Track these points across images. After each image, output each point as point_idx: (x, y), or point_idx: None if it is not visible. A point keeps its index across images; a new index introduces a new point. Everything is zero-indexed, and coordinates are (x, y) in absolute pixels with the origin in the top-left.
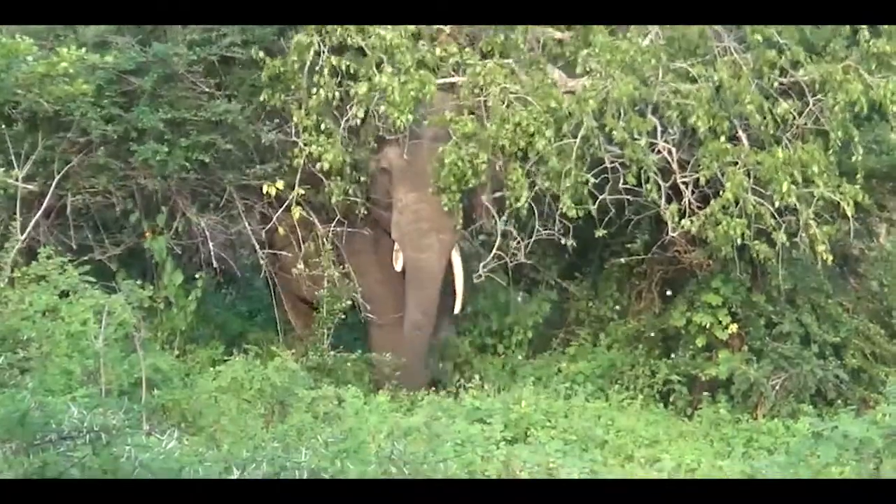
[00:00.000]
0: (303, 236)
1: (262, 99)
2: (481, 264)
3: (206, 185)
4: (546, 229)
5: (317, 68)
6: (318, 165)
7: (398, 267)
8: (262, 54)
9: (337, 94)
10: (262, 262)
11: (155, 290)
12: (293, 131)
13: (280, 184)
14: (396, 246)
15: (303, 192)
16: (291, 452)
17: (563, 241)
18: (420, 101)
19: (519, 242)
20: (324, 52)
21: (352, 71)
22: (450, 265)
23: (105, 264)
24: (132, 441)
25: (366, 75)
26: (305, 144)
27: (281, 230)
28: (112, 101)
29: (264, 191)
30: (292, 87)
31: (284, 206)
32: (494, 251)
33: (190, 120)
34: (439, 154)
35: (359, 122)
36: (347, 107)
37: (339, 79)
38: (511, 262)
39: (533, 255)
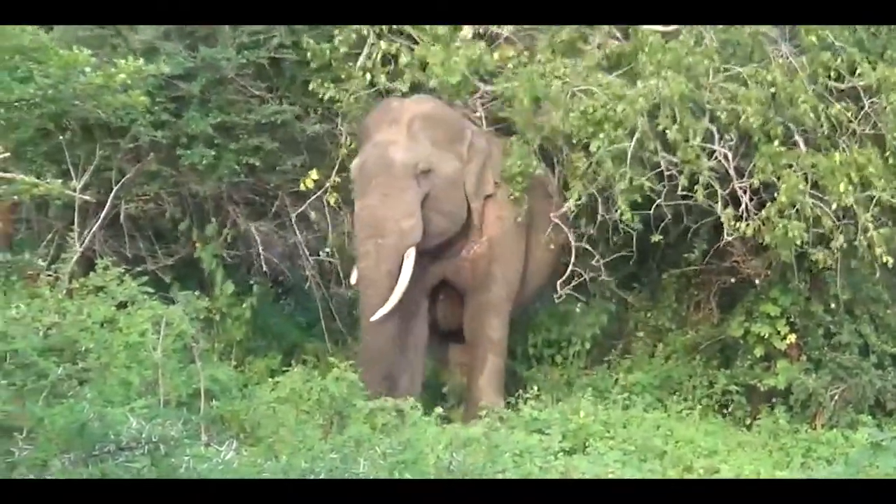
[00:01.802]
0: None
1: (310, 88)
2: (558, 282)
3: (257, 192)
4: (606, 239)
5: (367, 55)
6: None
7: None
8: (311, 42)
9: (383, 78)
10: (308, 272)
11: (212, 301)
12: (340, 120)
13: (314, 174)
14: None
15: (339, 180)
16: (350, 463)
17: (622, 253)
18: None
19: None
20: (376, 41)
21: (402, 59)
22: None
23: (161, 274)
24: (190, 452)
25: (414, 58)
26: (350, 134)
27: (332, 237)
28: (163, 108)
29: (301, 187)
30: (342, 75)
31: (321, 191)
32: (571, 268)
33: (240, 124)
34: (507, 147)
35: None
36: (395, 89)
37: (389, 67)
38: (587, 276)
39: (593, 265)
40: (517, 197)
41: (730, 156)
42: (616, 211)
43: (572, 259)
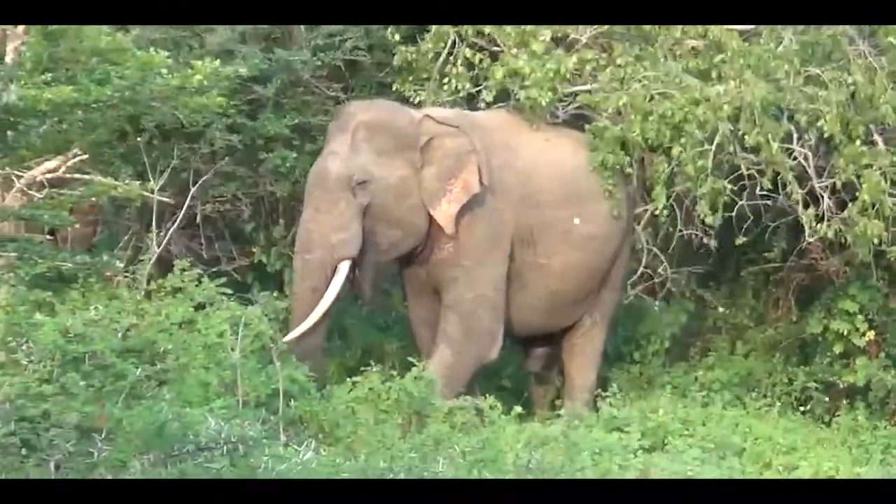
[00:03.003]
0: None
1: (393, 88)
2: (629, 281)
3: None
4: (685, 232)
5: (451, 59)
6: None
7: None
8: (397, 37)
9: (467, 85)
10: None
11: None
12: None
13: None
14: None
15: None
16: (429, 462)
17: (701, 249)
18: (562, 81)
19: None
20: (459, 44)
21: (484, 66)
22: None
23: (238, 275)
24: (269, 452)
25: (503, 62)
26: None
27: None
28: (238, 110)
29: None
30: (424, 76)
31: None
32: (641, 269)
33: (316, 125)
34: (592, 156)
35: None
36: (478, 96)
37: (472, 72)
38: (661, 282)
39: (671, 263)
40: (610, 190)
41: (810, 156)
42: (697, 214)
43: (643, 260)
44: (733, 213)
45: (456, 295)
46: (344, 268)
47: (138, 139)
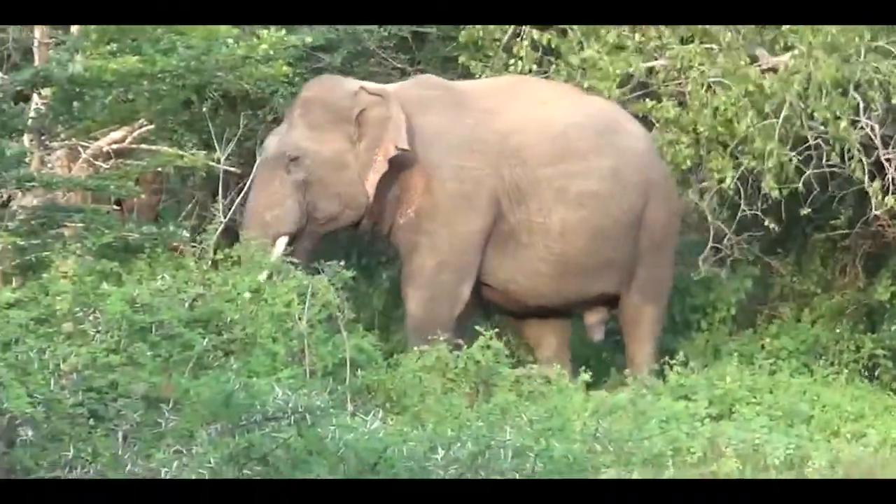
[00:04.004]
0: None
1: (459, 62)
2: (700, 258)
3: None
4: (751, 208)
5: (517, 40)
6: None
7: None
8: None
9: (534, 67)
10: None
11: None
12: None
13: None
14: None
15: None
16: (496, 431)
17: (766, 223)
18: (628, 78)
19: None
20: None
21: (552, 46)
22: None
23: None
24: (336, 421)
25: (569, 51)
26: None
27: None
28: (303, 79)
29: None
30: (490, 53)
31: None
32: (710, 244)
33: None
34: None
35: None
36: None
37: (538, 53)
38: (728, 253)
39: (737, 232)
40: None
41: (877, 128)
42: (763, 188)
43: (711, 233)
44: (799, 184)
45: (417, 263)
46: (280, 243)
47: (204, 109)
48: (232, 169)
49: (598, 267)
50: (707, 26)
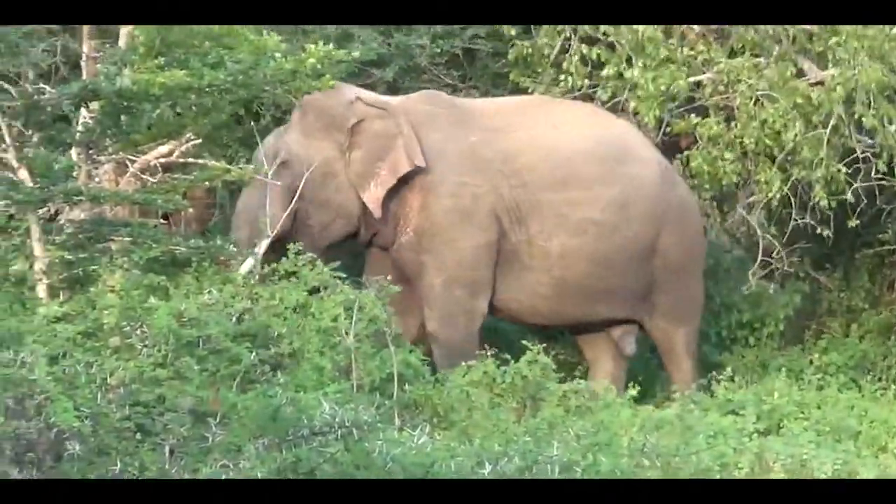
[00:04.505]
0: None
1: (510, 78)
2: (749, 272)
3: None
4: (801, 218)
5: (566, 55)
6: None
7: None
8: (513, 32)
9: (585, 82)
10: None
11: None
12: None
13: None
14: None
15: None
16: (543, 446)
17: (819, 232)
18: (671, 98)
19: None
20: (574, 39)
21: (602, 60)
22: None
23: (353, 260)
24: (384, 436)
25: (616, 66)
26: None
27: None
28: None
29: None
30: (539, 69)
31: None
32: (759, 258)
33: None
34: (683, 158)
35: None
36: (594, 96)
37: (588, 68)
38: (776, 267)
39: (785, 246)
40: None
41: None
42: (812, 198)
43: (760, 248)
44: (847, 196)
45: (427, 283)
46: (262, 246)
47: (252, 123)
48: (279, 183)
49: (601, 292)
50: (755, 39)
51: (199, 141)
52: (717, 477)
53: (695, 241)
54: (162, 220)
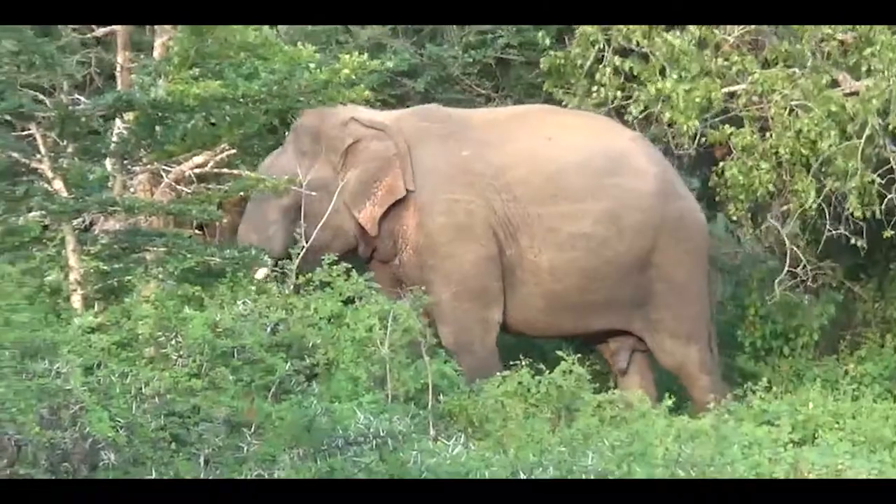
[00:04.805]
0: None
1: (543, 89)
2: (776, 281)
3: None
4: (835, 229)
5: (599, 66)
6: None
7: None
8: (547, 41)
9: (618, 94)
10: None
11: None
12: None
13: None
14: None
15: None
16: (578, 456)
17: (853, 242)
18: (706, 109)
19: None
20: (608, 51)
21: (635, 73)
22: None
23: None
24: (419, 446)
25: (650, 79)
26: None
27: None
28: (384, 103)
29: None
30: (572, 80)
31: None
32: (787, 268)
33: None
34: (717, 168)
35: (635, 126)
36: (626, 108)
37: (621, 80)
38: (804, 278)
39: (819, 257)
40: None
41: None
42: (846, 208)
43: (788, 257)
44: (882, 206)
45: (435, 299)
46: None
47: (286, 133)
48: (313, 193)
49: (594, 305)
50: (789, 49)
51: (234, 151)
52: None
53: (695, 255)
54: (196, 231)
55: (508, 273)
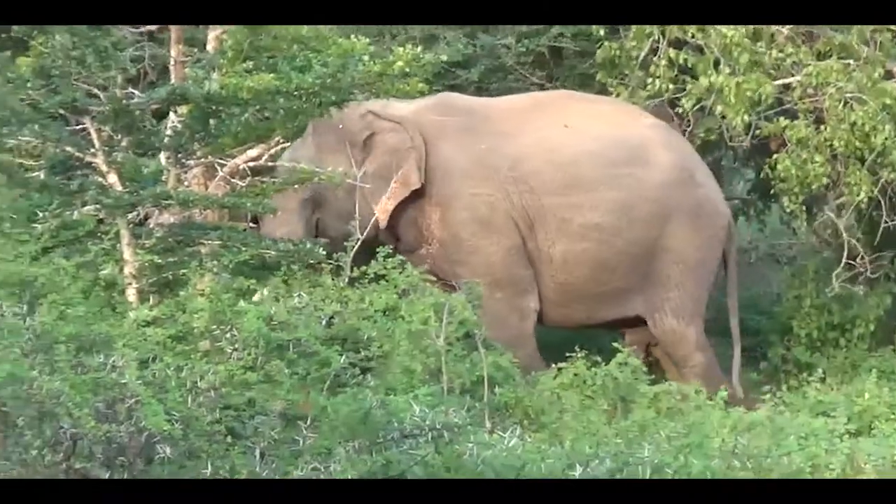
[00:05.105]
0: None
1: (597, 79)
2: (833, 274)
3: None
4: (890, 222)
5: (654, 58)
6: None
7: None
8: (602, 32)
9: (671, 87)
10: None
11: None
12: None
13: None
14: None
15: None
16: (634, 447)
17: None
18: (757, 103)
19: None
20: (662, 43)
21: (689, 65)
22: None
23: None
24: (475, 438)
25: (703, 71)
26: None
27: None
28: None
29: None
30: (626, 72)
31: None
32: (844, 261)
33: None
34: (771, 161)
35: (689, 118)
36: (679, 101)
37: (675, 72)
38: (862, 270)
39: (875, 249)
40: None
41: None
42: None
43: (844, 249)
44: None
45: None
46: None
47: (340, 126)
48: (367, 186)
49: (607, 295)
50: (843, 41)
51: (287, 144)
52: (808, 478)
53: (711, 241)
54: (251, 224)
55: (530, 265)
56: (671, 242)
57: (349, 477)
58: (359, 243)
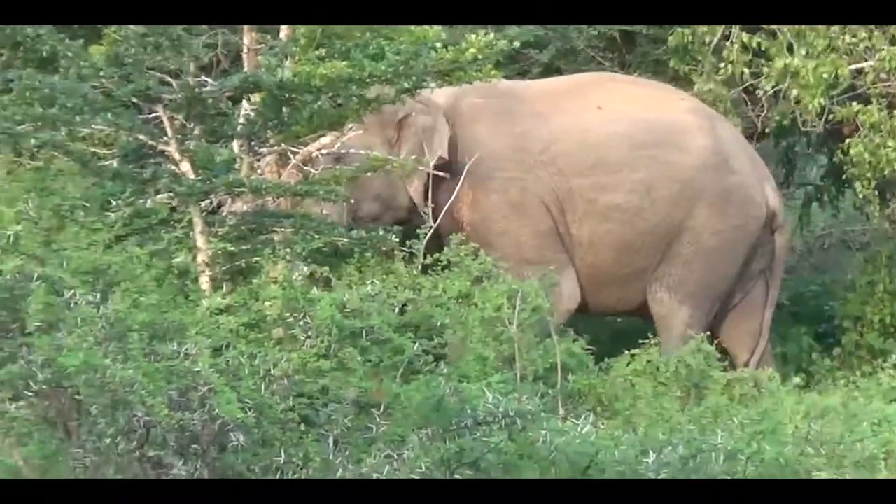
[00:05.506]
0: None
1: (670, 65)
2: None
3: None
4: None
5: (727, 43)
6: None
7: None
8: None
9: (745, 71)
10: None
11: None
12: None
13: None
14: None
15: None
16: (707, 434)
17: None
18: (833, 86)
19: None
20: (735, 27)
21: (763, 48)
22: None
23: None
24: (548, 426)
25: (777, 54)
26: None
27: None
28: (506, 77)
29: None
30: (699, 58)
31: None
32: None
33: None
34: (843, 146)
35: (763, 104)
36: (755, 85)
37: (749, 56)
38: None
39: None
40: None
41: None
42: None
43: None
44: None
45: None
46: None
47: (412, 112)
48: (441, 174)
49: (632, 277)
50: None
51: (361, 132)
52: (882, 465)
53: (735, 231)
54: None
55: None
56: (692, 223)
57: (422, 465)
58: (431, 231)
